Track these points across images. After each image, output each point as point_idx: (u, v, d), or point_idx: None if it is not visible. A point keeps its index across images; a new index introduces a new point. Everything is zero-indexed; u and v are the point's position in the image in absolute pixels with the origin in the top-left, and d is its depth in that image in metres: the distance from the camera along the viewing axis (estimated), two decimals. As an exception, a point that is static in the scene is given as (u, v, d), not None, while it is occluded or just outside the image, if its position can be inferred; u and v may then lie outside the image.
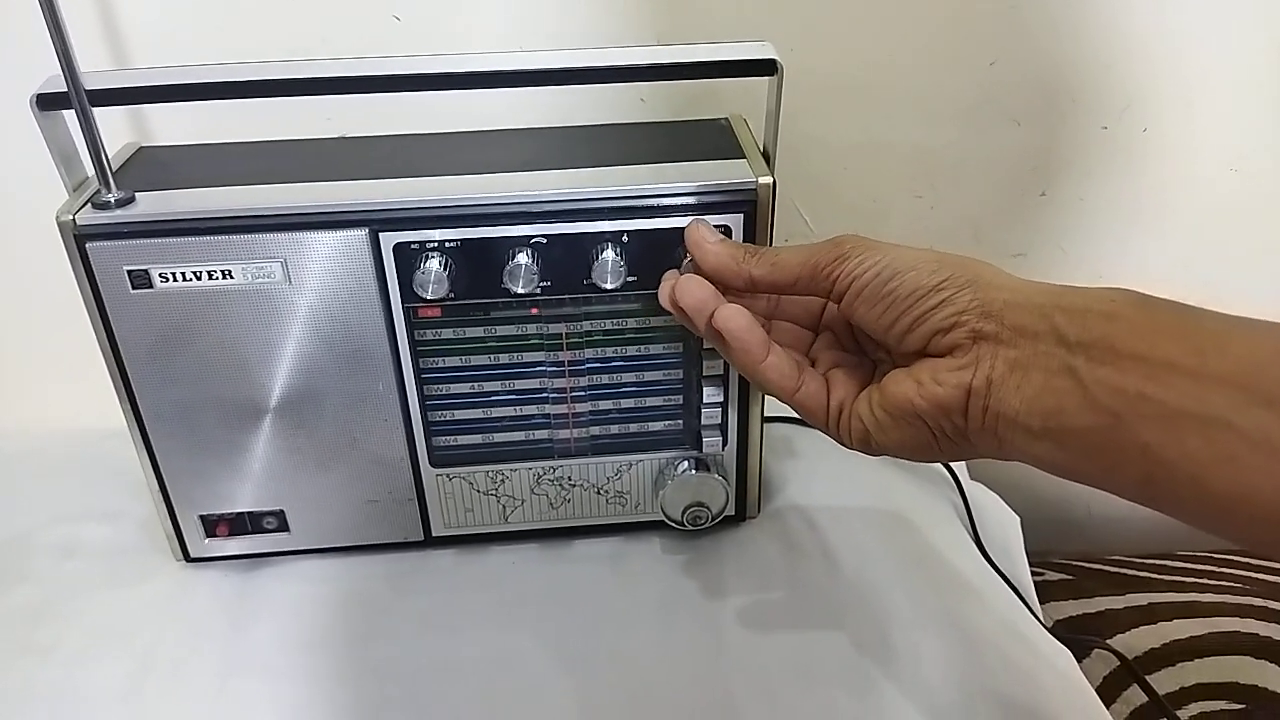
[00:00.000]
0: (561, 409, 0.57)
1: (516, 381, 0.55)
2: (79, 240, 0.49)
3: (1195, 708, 0.66)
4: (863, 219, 0.72)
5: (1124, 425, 0.35)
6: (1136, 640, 0.71)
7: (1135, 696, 0.67)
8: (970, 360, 0.40)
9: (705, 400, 0.56)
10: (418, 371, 0.54)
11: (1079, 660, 0.57)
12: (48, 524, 0.64)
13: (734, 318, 0.45)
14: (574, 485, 0.59)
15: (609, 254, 0.51)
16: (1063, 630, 0.63)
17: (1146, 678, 0.67)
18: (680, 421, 0.58)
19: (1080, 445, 0.37)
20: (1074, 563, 0.80)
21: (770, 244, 0.52)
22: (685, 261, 0.50)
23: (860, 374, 0.47)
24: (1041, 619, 0.60)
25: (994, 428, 0.39)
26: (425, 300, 0.51)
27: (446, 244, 0.51)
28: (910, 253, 0.43)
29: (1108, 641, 0.69)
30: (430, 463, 0.57)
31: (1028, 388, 0.38)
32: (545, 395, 0.56)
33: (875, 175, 0.70)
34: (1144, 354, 0.35)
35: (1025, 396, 0.38)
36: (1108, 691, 0.67)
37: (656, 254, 0.52)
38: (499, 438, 0.57)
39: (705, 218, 0.50)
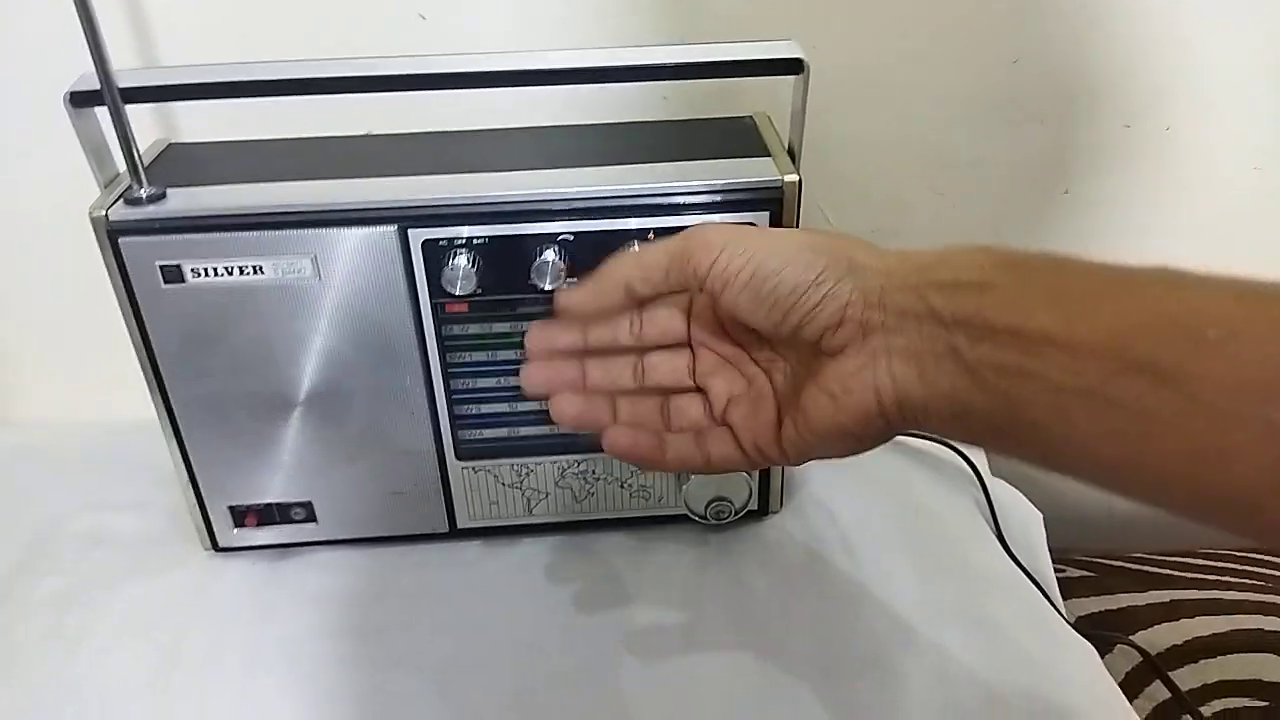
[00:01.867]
0: (586, 404, 0.57)
1: (542, 376, 0.56)
2: (112, 235, 0.50)
3: (1218, 704, 0.66)
4: (884, 216, 0.72)
5: (1015, 406, 0.34)
6: (1159, 637, 0.71)
7: (1158, 692, 0.66)
8: (867, 358, 0.39)
9: (729, 396, 0.57)
10: (444, 366, 0.55)
11: (1101, 656, 0.57)
12: (76, 513, 0.65)
13: (619, 439, 0.44)
14: (598, 479, 0.60)
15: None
16: (1085, 626, 0.63)
17: (1169, 674, 0.66)
18: (704, 417, 0.58)
19: (984, 427, 0.36)
20: (1096, 560, 0.80)
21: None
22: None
23: (761, 400, 0.45)
24: (1064, 614, 0.60)
25: (913, 418, 0.39)
26: (453, 296, 0.52)
27: (474, 241, 0.51)
28: (779, 244, 0.41)
29: (1130, 638, 0.69)
30: (456, 456, 0.58)
31: (925, 376, 0.37)
32: (570, 390, 0.56)
33: (897, 172, 0.70)
34: (1018, 326, 0.34)
35: (925, 385, 0.37)
36: (1130, 687, 0.67)
37: (682, 250, 0.52)
38: (524, 431, 0.58)
39: (711, 219, 0.51)
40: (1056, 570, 0.66)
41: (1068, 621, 0.59)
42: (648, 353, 0.47)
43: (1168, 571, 0.77)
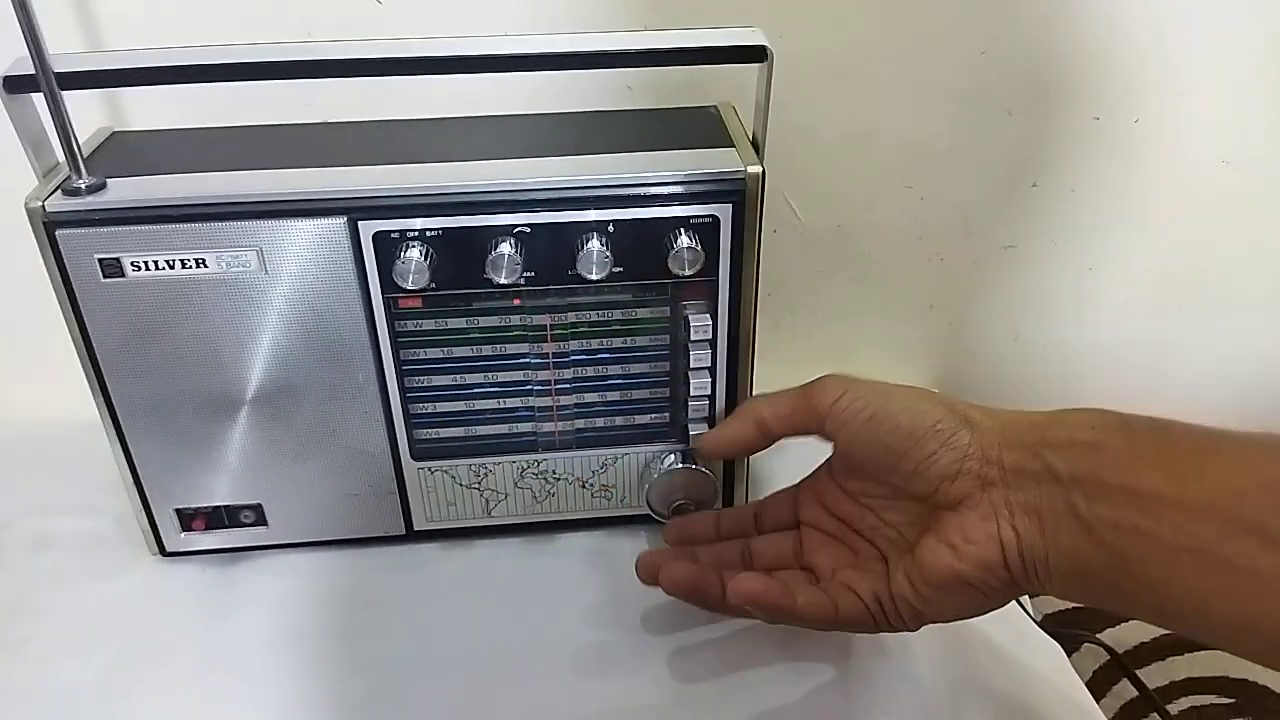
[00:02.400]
0: (546, 401, 0.56)
1: (499, 374, 0.54)
2: (48, 227, 0.48)
3: (1185, 702, 0.66)
4: (852, 209, 0.71)
5: (1130, 563, 0.36)
6: (1126, 634, 0.70)
7: (1125, 691, 0.66)
8: (989, 511, 0.41)
9: (692, 393, 0.55)
10: (398, 363, 0.53)
11: (1069, 654, 0.57)
12: (20, 517, 0.63)
13: (749, 585, 0.46)
14: (558, 479, 0.59)
15: (594, 244, 0.50)
16: (1052, 624, 0.63)
17: (1136, 672, 0.66)
18: (667, 414, 0.57)
19: (1102, 584, 0.38)
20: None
21: (759, 233, 0.52)
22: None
23: (870, 561, 0.47)
24: (1031, 613, 0.59)
25: (1035, 573, 0.40)
26: (406, 290, 0.50)
27: (427, 233, 0.49)
28: (899, 392, 0.45)
29: (1097, 636, 0.69)
30: (411, 456, 0.56)
31: (1046, 531, 0.39)
32: (529, 388, 0.55)
33: (865, 165, 0.70)
34: (1131, 485, 0.36)
35: (1047, 540, 0.39)
36: (1098, 686, 0.67)
37: (643, 244, 0.51)
38: (481, 430, 0.56)
39: (672, 211, 0.49)
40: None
41: (1034, 620, 0.59)
42: (754, 538, 0.52)
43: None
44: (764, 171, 0.51)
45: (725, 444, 0.53)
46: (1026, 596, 0.63)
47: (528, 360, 0.54)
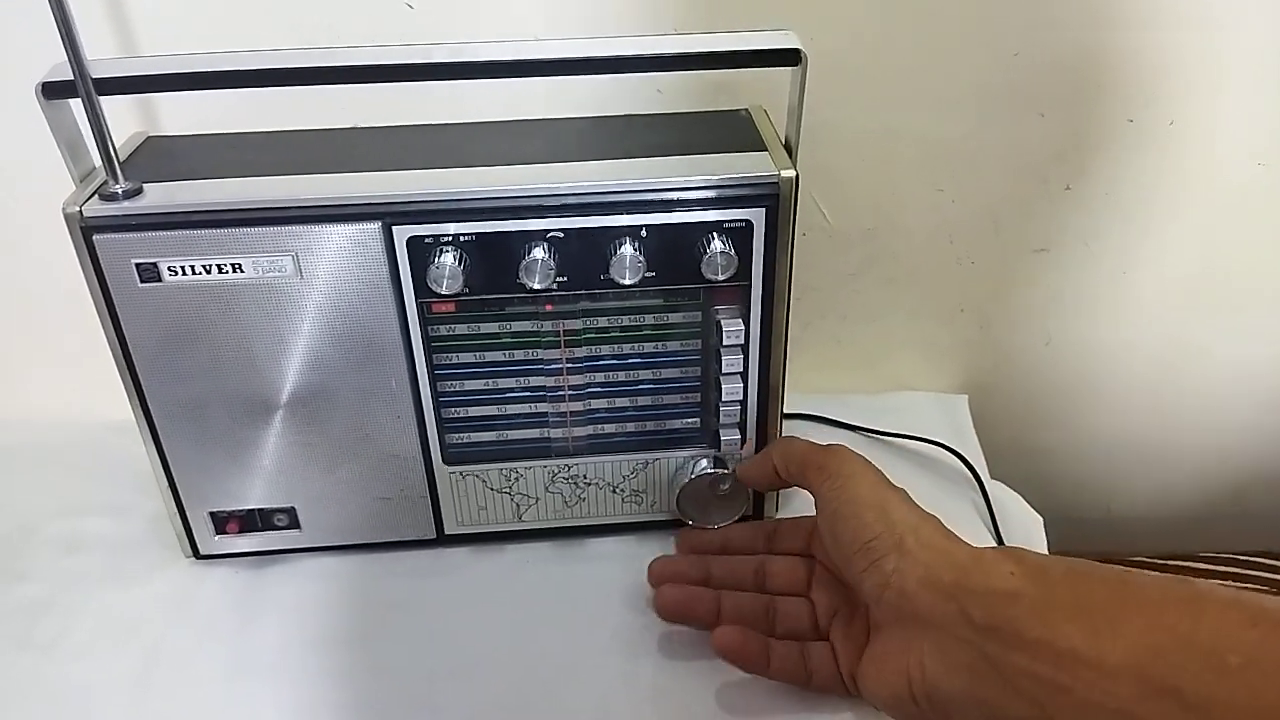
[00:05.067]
0: (577, 406, 0.56)
1: (531, 378, 0.54)
2: (86, 232, 0.48)
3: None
4: (882, 212, 0.71)
5: (1049, 714, 0.36)
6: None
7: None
8: (901, 644, 0.42)
9: (724, 398, 0.55)
10: (431, 368, 0.53)
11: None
12: (53, 518, 0.63)
13: (729, 639, 0.49)
14: (589, 484, 0.58)
15: (627, 249, 0.50)
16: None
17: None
18: (698, 420, 0.57)
19: None
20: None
21: (793, 237, 0.51)
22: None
23: (855, 622, 0.48)
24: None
25: (945, 711, 0.40)
26: (439, 295, 0.50)
27: (461, 238, 0.49)
28: (865, 492, 0.45)
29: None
30: (443, 460, 0.56)
31: (957, 676, 0.39)
32: (561, 392, 0.55)
33: (895, 167, 0.69)
34: (1048, 639, 0.36)
35: (958, 684, 0.39)
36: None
37: (676, 248, 0.51)
38: (513, 435, 0.56)
39: (705, 216, 0.49)
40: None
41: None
42: (770, 558, 0.54)
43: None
44: (797, 175, 0.50)
45: (751, 480, 0.56)
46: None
47: (560, 365, 0.54)
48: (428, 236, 0.49)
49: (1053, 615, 0.37)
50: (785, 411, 0.58)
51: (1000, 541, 0.63)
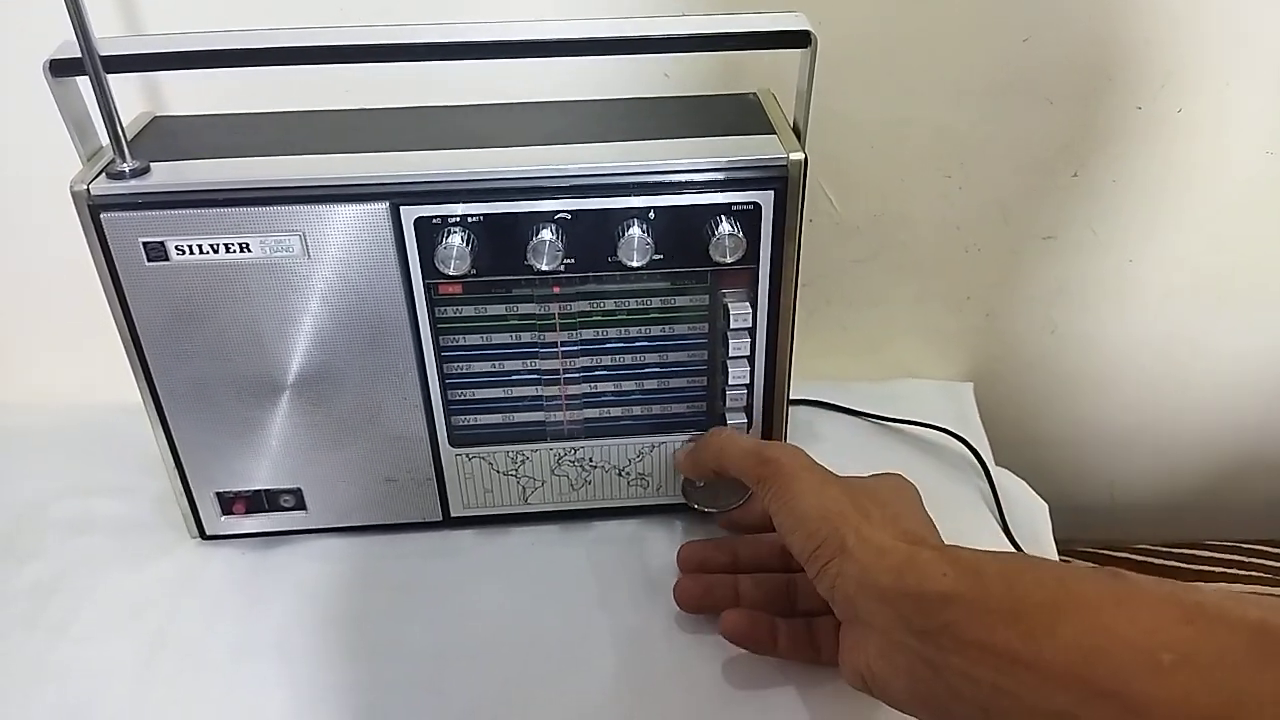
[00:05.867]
0: (584, 389, 0.56)
1: (538, 360, 0.54)
2: (93, 211, 0.48)
3: None
4: (888, 198, 0.70)
5: (992, 717, 0.36)
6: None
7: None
8: (853, 641, 0.42)
9: (730, 382, 0.55)
10: (438, 349, 0.53)
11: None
12: (60, 499, 0.63)
13: (737, 623, 0.49)
14: (595, 467, 0.58)
15: (635, 230, 0.50)
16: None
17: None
18: (704, 403, 0.57)
19: None
20: (1101, 551, 0.79)
21: (801, 221, 0.51)
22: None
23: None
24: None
25: (898, 708, 0.41)
26: (447, 276, 0.50)
27: (469, 219, 0.49)
28: (807, 501, 0.45)
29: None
30: (449, 442, 0.56)
31: (900, 678, 0.40)
32: (567, 375, 0.55)
33: (903, 154, 0.69)
34: (985, 641, 0.36)
35: (902, 686, 0.40)
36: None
37: (684, 231, 0.51)
38: (519, 417, 0.56)
39: (714, 198, 0.49)
40: (1061, 561, 0.65)
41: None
42: (798, 573, 0.50)
43: (1173, 564, 0.76)
44: (806, 158, 0.50)
45: (687, 473, 0.57)
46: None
47: (566, 347, 0.54)
48: (435, 217, 0.49)
49: (989, 618, 0.37)
50: (791, 397, 0.58)
51: (1007, 530, 0.63)
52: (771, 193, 0.50)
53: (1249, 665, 0.32)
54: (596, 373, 0.55)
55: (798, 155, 0.50)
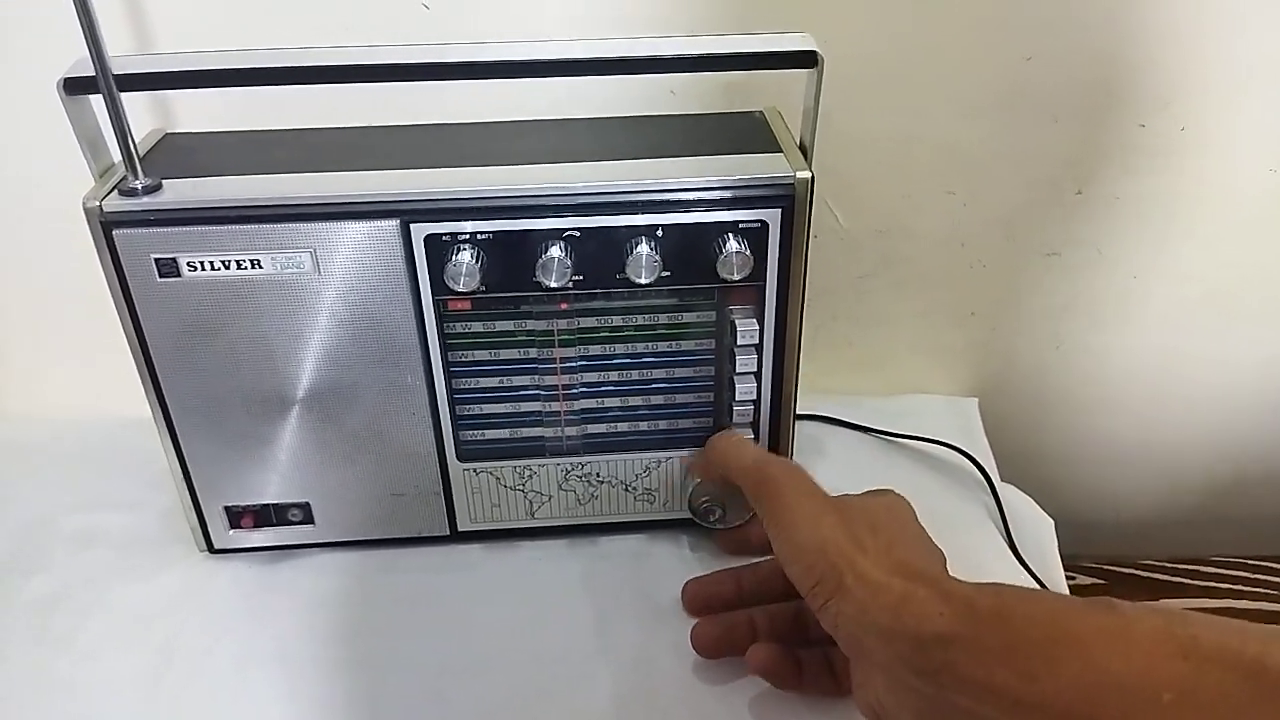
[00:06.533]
0: (591, 404, 0.56)
1: (546, 376, 0.55)
2: (105, 227, 0.48)
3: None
4: (893, 215, 0.71)
5: None
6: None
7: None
8: (864, 678, 0.42)
9: (737, 398, 0.55)
10: (446, 365, 0.54)
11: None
12: (68, 512, 0.64)
13: (763, 658, 0.49)
14: (602, 482, 0.59)
15: (643, 248, 0.50)
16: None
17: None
18: (711, 419, 0.57)
19: None
20: (1106, 567, 0.78)
21: (807, 238, 0.52)
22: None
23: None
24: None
25: None
26: (456, 293, 0.50)
27: (478, 236, 0.50)
28: (803, 533, 0.45)
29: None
30: (457, 457, 0.57)
31: (908, 713, 0.39)
32: (575, 390, 0.55)
33: (907, 171, 0.69)
34: (985, 680, 0.36)
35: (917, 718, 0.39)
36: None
37: (691, 248, 0.51)
38: (527, 432, 0.56)
39: (721, 216, 0.49)
40: (1066, 577, 0.65)
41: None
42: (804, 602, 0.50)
43: (1179, 580, 0.76)
44: (813, 177, 0.51)
45: (700, 470, 0.57)
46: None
47: (574, 363, 0.54)
48: (445, 234, 0.50)
49: (985, 657, 0.37)
50: (797, 413, 0.58)
51: (1012, 546, 0.63)
52: (778, 211, 0.51)
53: (1250, 705, 0.32)
54: (604, 388, 0.55)
55: (804, 174, 0.50)
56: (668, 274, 0.51)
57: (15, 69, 0.61)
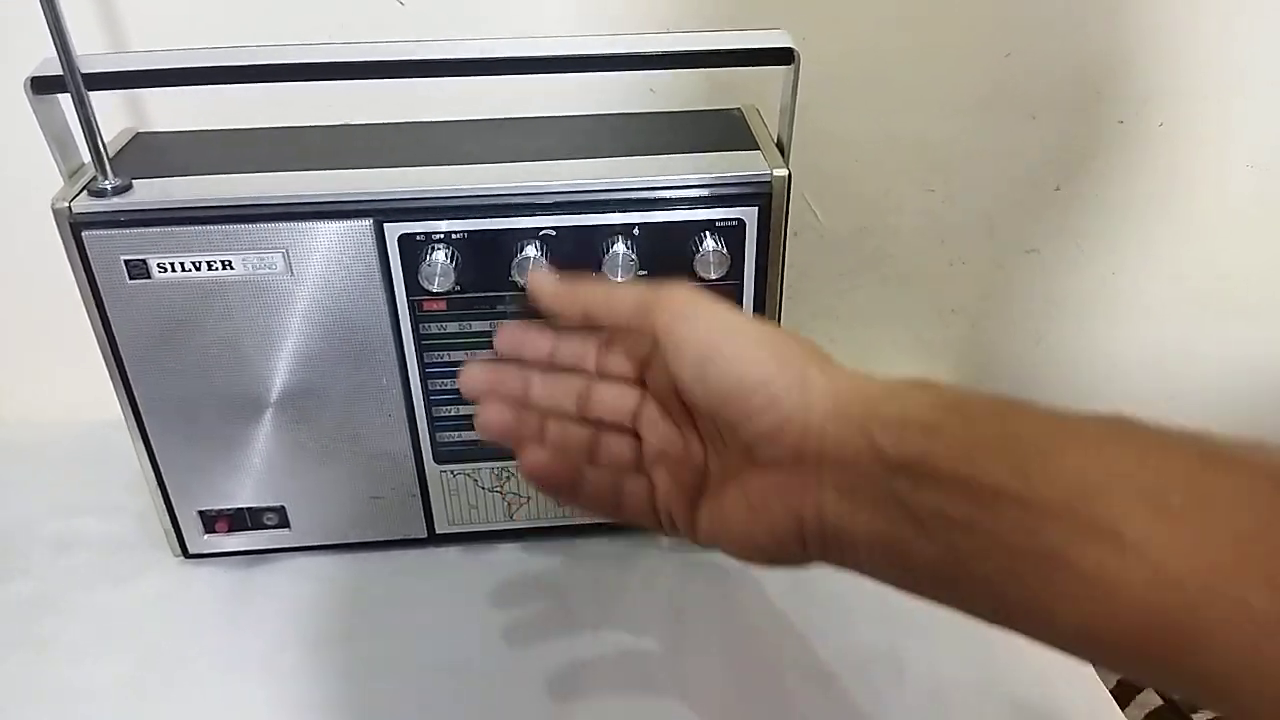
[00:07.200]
0: (569, 405, 0.55)
1: (523, 376, 0.54)
2: (75, 228, 0.48)
3: (1210, 712, 0.65)
4: (874, 212, 0.71)
5: (963, 559, 0.32)
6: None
7: (1150, 699, 0.66)
8: (796, 483, 0.37)
9: (716, 397, 0.55)
10: (422, 365, 0.53)
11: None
12: (44, 517, 0.63)
13: (537, 462, 0.42)
14: (581, 482, 0.58)
15: (619, 247, 0.50)
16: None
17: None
18: (690, 418, 0.57)
19: (928, 577, 0.34)
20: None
21: (785, 236, 0.51)
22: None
23: (687, 466, 0.42)
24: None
25: (838, 554, 0.37)
26: (431, 293, 0.50)
27: (453, 235, 0.49)
28: (742, 332, 0.39)
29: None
30: (434, 459, 0.56)
31: (860, 516, 0.35)
32: (552, 390, 0.55)
33: (887, 168, 0.69)
34: (968, 475, 0.32)
35: (860, 526, 0.35)
36: (1123, 694, 0.66)
37: (668, 247, 0.51)
38: (505, 434, 0.56)
39: (698, 214, 0.49)
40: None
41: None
42: (596, 382, 0.44)
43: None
44: (790, 174, 0.50)
45: (549, 299, 0.43)
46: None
47: (551, 363, 0.54)
48: (419, 234, 0.49)
49: (975, 450, 0.32)
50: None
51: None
52: (755, 209, 0.50)
53: (1270, 513, 0.28)
54: (582, 388, 0.55)
55: (781, 171, 0.50)
56: (644, 273, 0.51)
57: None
